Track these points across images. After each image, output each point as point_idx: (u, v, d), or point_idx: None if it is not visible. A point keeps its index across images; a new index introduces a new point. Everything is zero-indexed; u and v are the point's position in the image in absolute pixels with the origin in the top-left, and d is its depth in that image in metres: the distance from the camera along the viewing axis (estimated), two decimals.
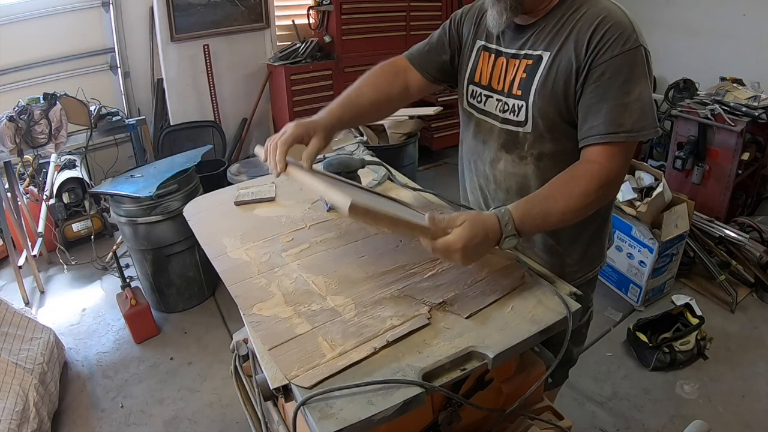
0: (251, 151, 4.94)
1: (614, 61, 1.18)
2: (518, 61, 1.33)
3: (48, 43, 3.96)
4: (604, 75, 1.19)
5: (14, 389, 2.17)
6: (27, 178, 3.73)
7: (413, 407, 0.93)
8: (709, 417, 2.33)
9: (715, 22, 4.18)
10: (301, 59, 4.53)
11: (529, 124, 1.32)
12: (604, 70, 1.18)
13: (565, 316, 1.10)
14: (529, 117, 1.32)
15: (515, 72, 1.34)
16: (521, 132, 1.35)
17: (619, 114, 1.18)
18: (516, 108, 1.34)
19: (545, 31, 1.28)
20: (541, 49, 1.28)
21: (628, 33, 1.18)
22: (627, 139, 1.19)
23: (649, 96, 1.20)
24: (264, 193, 1.70)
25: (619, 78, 1.18)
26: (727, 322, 2.96)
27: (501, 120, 1.39)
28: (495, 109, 1.41)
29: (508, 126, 1.37)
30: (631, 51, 1.17)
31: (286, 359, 1.01)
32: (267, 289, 1.22)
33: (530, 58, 1.31)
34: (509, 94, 1.35)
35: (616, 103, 1.18)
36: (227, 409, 2.48)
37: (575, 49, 1.22)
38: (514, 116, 1.35)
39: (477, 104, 1.47)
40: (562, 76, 1.24)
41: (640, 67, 1.19)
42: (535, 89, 1.29)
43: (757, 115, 3.33)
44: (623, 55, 1.17)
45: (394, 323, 1.09)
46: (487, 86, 1.42)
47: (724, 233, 3.15)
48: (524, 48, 1.32)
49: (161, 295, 3.14)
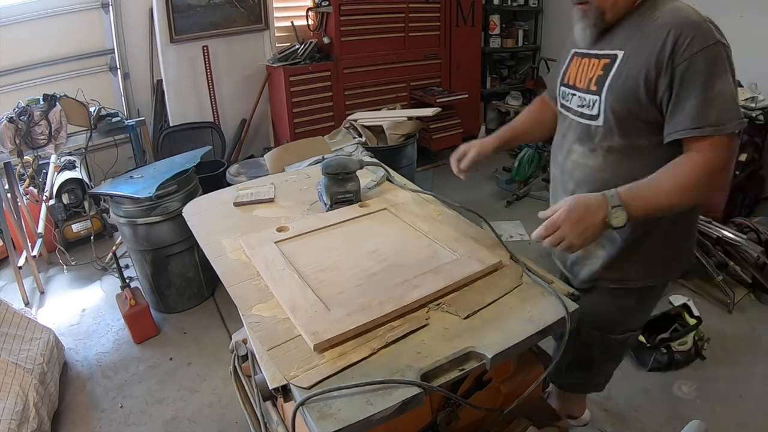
0: (251, 152, 4.96)
1: (695, 59, 1.21)
2: (599, 60, 1.41)
3: (48, 45, 3.96)
4: (687, 72, 1.22)
5: (14, 389, 2.17)
6: (27, 179, 3.74)
7: (412, 407, 0.93)
8: (707, 417, 2.32)
9: None
10: (300, 60, 4.53)
11: (601, 117, 1.39)
12: (687, 67, 1.22)
13: (561, 316, 1.11)
14: (601, 111, 1.38)
15: (594, 70, 1.42)
16: (593, 125, 1.42)
17: (703, 109, 1.22)
18: (591, 102, 1.41)
19: (623, 31, 1.35)
20: (617, 48, 1.35)
21: (704, 31, 1.22)
22: (714, 132, 1.22)
23: (730, 90, 1.23)
24: (263, 194, 1.71)
25: (700, 75, 1.21)
26: (725, 323, 2.96)
27: (579, 114, 1.47)
28: (575, 104, 1.49)
29: (583, 120, 1.45)
30: (710, 47, 1.21)
31: (284, 359, 1.01)
32: (266, 290, 1.23)
33: (607, 57, 1.38)
34: (587, 90, 1.43)
35: (701, 98, 1.22)
36: (226, 409, 2.48)
37: (654, 49, 1.26)
38: (589, 110, 1.42)
39: (565, 103, 1.55)
40: (636, 73, 1.29)
41: (720, 63, 1.22)
42: (608, 85, 1.35)
43: (755, 116, 3.35)
44: (703, 51, 1.20)
45: (393, 324, 1.09)
46: (573, 86, 1.51)
47: (722, 234, 3.14)
48: (604, 48, 1.40)
49: (161, 296, 3.14)
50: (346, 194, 1.61)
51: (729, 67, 1.24)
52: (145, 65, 4.42)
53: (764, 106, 3.40)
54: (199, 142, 4.38)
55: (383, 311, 1.11)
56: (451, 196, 1.70)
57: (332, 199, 1.60)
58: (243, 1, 4.47)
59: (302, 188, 1.80)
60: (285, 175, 2.01)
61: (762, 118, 3.39)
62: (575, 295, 1.20)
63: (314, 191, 1.75)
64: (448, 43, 5.25)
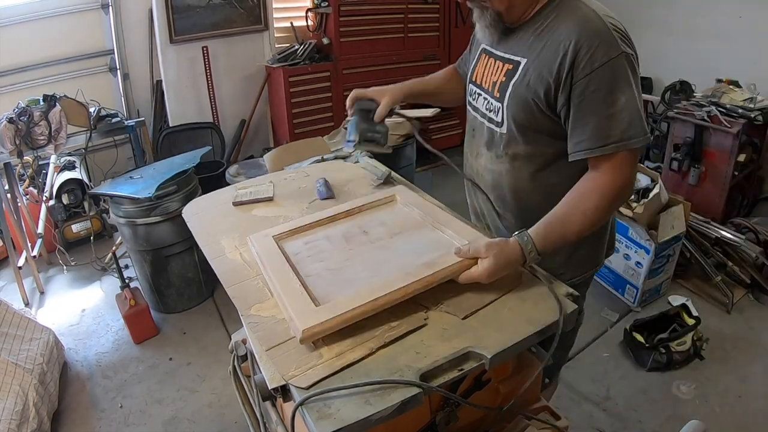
0: (250, 152, 4.96)
1: (596, 74, 1.17)
2: (502, 63, 1.37)
3: (48, 45, 3.97)
4: (588, 89, 1.18)
5: (14, 389, 2.18)
6: (27, 180, 3.74)
7: (411, 407, 0.93)
8: (706, 417, 2.34)
9: (711, 24, 4.18)
10: (300, 61, 4.54)
11: (504, 125, 1.37)
12: (587, 83, 1.18)
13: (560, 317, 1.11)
14: (504, 119, 1.36)
15: (498, 74, 1.38)
16: (498, 132, 1.40)
17: (606, 126, 1.19)
18: (495, 109, 1.39)
19: (525, 37, 1.31)
20: (520, 55, 1.31)
21: (607, 42, 1.17)
22: (616, 149, 1.19)
23: (635, 104, 1.19)
24: (262, 193, 1.71)
25: (602, 90, 1.17)
26: (724, 323, 2.97)
27: (486, 118, 1.45)
28: (483, 107, 1.47)
29: (491, 125, 1.43)
30: (611, 60, 1.16)
31: (283, 360, 1.01)
32: (264, 290, 1.23)
33: (510, 63, 1.34)
34: (491, 94, 1.41)
35: (603, 116, 1.19)
36: (226, 409, 2.49)
37: (554, 61, 1.21)
38: (495, 116, 1.40)
39: (472, 102, 1.53)
40: (537, 84, 1.26)
41: (623, 76, 1.18)
42: (509, 93, 1.33)
43: (753, 116, 3.35)
44: (604, 66, 1.16)
45: (392, 324, 1.09)
46: (479, 84, 1.48)
47: (721, 234, 3.15)
48: (508, 52, 1.36)
49: (160, 296, 3.14)
50: (375, 133, 1.56)
51: (633, 79, 1.20)
52: (144, 66, 4.41)
53: (762, 107, 3.39)
54: (199, 142, 4.39)
55: (372, 296, 1.10)
56: (450, 196, 1.71)
57: (361, 136, 1.54)
58: (242, 2, 4.47)
59: (301, 186, 1.79)
60: (284, 173, 2.00)
61: (761, 119, 3.38)
62: (574, 296, 1.19)
63: (314, 189, 1.74)
64: (448, 43, 5.25)
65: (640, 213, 2.87)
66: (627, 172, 1.23)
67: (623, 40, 1.19)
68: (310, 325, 1.03)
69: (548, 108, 1.27)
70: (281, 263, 1.26)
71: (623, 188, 1.24)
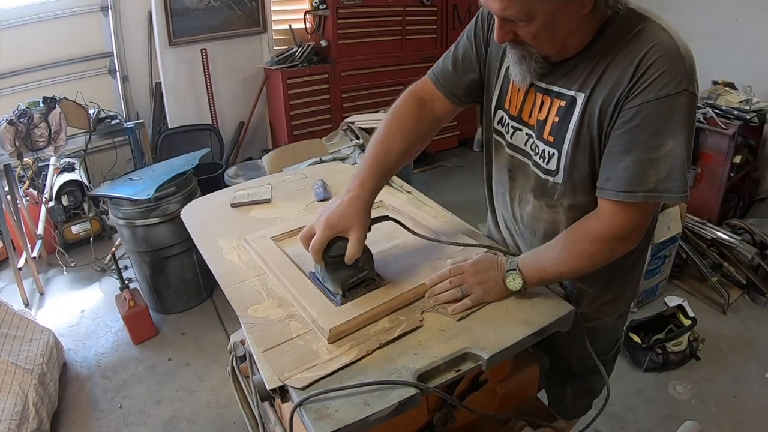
0: (249, 154, 4.98)
1: (647, 107, 0.99)
2: (550, 99, 1.15)
3: (48, 47, 3.98)
4: (633, 121, 1.01)
5: (14, 390, 2.19)
6: (27, 181, 3.75)
7: (408, 408, 0.94)
8: (702, 417, 2.35)
9: (707, 27, 4.18)
10: (298, 63, 4.55)
11: (560, 175, 1.16)
12: (634, 115, 1.00)
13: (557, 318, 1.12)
14: (561, 168, 1.15)
15: (548, 112, 1.15)
16: (551, 181, 1.19)
17: (643, 170, 1.01)
18: (547, 155, 1.17)
19: (580, 66, 1.09)
20: (575, 88, 1.09)
21: (675, 72, 0.97)
22: (645, 199, 1.03)
23: (682, 154, 1.00)
24: (260, 195, 1.71)
25: (649, 128, 0.99)
26: (720, 324, 2.98)
27: (532, 161, 1.23)
28: (525, 145, 1.24)
29: (538, 171, 1.22)
30: (669, 97, 0.97)
31: (280, 361, 1.02)
32: (262, 292, 1.23)
33: (563, 99, 1.12)
34: (540, 136, 1.18)
35: (642, 158, 1.01)
36: (225, 409, 2.50)
37: (611, 89, 1.03)
38: (544, 163, 1.19)
39: (504, 134, 1.30)
40: (596, 121, 1.07)
41: (678, 118, 0.99)
42: (569, 139, 1.11)
43: (749, 118, 3.37)
44: (659, 101, 0.98)
45: (389, 325, 1.10)
46: (517, 117, 1.24)
47: (716, 235, 3.16)
48: (556, 84, 1.13)
49: (159, 297, 3.15)
50: (360, 272, 1.19)
51: (688, 123, 1.00)
52: (144, 68, 4.43)
53: (758, 109, 3.42)
54: (198, 144, 4.38)
55: (387, 297, 1.13)
56: (448, 197, 1.71)
57: (345, 287, 1.17)
58: (241, 4, 4.49)
59: (299, 188, 1.80)
60: (282, 175, 2.01)
61: (756, 121, 3.41)
62: None
63: (311, 191, 1.75)
64: (445, 45, 5.24)
65: None
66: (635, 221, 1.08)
67: (692, 76, 0.99)
68: (336, 324, 1.06)
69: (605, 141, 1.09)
70: (289, 265, 1.27)
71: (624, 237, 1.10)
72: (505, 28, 1.04)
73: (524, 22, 1.00)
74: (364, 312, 1.10)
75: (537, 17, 0.98)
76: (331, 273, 1.18)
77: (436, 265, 1.27)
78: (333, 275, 1.17)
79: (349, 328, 1.07)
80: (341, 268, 1.17)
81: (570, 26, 1.01)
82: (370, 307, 1.11)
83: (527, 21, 0.99)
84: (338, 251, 1.15)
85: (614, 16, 1.03)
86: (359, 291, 1.19)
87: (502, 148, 1.32)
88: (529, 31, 1.01)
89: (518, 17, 0.98)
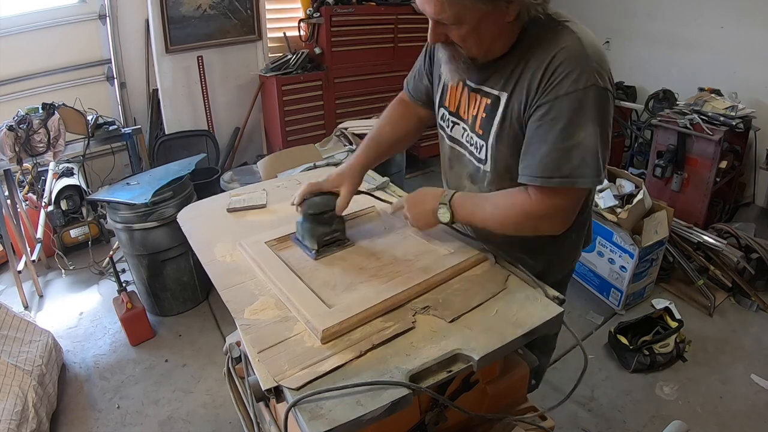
0: (244, 159, 5.00)
1: (559, 102, 1.11)
2: (480, 97, 1.30)
3: (47, 55, 4.00)
4: (548, 115, 1.13)
5: (14, 390, 2.20)
6: (26, 186, 3.75)
7: (401, 408, 0.95)
8: (688, 417, 2.37)
9: (693, 35, 4.25)
10: (292, 70, 4.57)
11: (488, 163, 1.32)
12: (548, 109, 1.13)
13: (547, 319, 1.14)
14: (488, 157, 1.31)
15: (477, 108, 1.30)
16: (482, 169, 1.35)
17: (557, 159, 1.13)
18: (478, 145, 1.33)
19: (503, 68, 1.22)
20: (498, 88, 1.24)
21: (581, 70, 1.09)
22: (560, 184, 1.14)
23: (593, 142, 1.12)
24: (255, 200, 1.74)
25: (561, 120, 1.11)
26: (706, 326, 3.01)
27: (468, 151, 1.39)
28: (462, 137, 1.41)
29: (472, 159, 1.38)
30: (579, 91, 1.09)
31: (275, 362, 1.03)
32: (257, 294, 1.25)
33: (489, 97, 1.27)
34: (473, 129, 1.34)
35: (556, 147, 1.12)
36: (220, 409, 2.51)
37: (527, 88, 1.16)
38: (477, 152, 1.35)
39: (445, 128, 1.47)
40: (516, 117, 1.21)
41: (589, 110, 1.10)
42: (494, 131, 1.26)
43: (735, 124, 3.41)
44: (568, 96, 1.10)
45: (381, 327, 1.12)
46: (455, 113, 1.41)
47: (703, 239, 3.18)
48: (484, 84, 1.28)
49: (156, 299, 3.17)
50: (334, 233, 1.43)
51: (600, 116, 1.12)
52: (141, 75, 4.45)
53: (743, 115, 3.46)
54: (194, 149, 4.39)
55: (379, 298, 1.16)
56: None
57: (319, 242, 1.40)
58: (236, 13, 4.51)
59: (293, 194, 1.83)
60: (276, 181, 2.03)
61: (742, 127, 3.46)
62: (560, 299, 1.20)
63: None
64: None
65: (625, 218, 2.89)
66: (557, 205, 1.19)
67: (600, 72, 1.11)
68: (329, 325, 1.08)
69: None
70: (283, 269, 1.31)
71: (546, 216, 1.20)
72: (437, 30, 1.17)
73: (455, 26, 1.13)
74: (357, 313, 1.12)
75: (466, 22, 1.11)
76: (309, 230, 1.40)
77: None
78: (311, 232, 1.40)
79: (343, 329, 1.09)
80: (318, 225, 1.40)
81: (494, 32, 1.15)
82: (363, 309, 1.13)
83: (457, 25, 1.12)
84: (317, 209, 1.40)
85: (534, 22, 1.15)
86: (331, 249, 1.42)
87: (444, 141, 1.50)
88: (459, 33, 1.15)
89: (449, 21, 1.12)
